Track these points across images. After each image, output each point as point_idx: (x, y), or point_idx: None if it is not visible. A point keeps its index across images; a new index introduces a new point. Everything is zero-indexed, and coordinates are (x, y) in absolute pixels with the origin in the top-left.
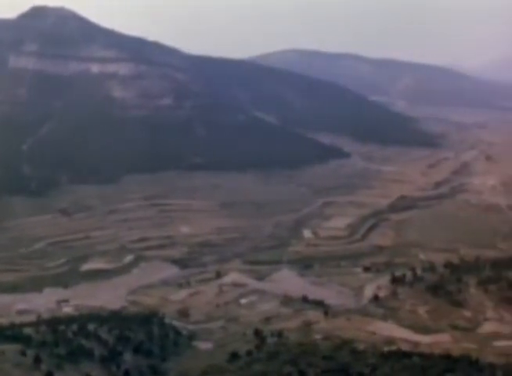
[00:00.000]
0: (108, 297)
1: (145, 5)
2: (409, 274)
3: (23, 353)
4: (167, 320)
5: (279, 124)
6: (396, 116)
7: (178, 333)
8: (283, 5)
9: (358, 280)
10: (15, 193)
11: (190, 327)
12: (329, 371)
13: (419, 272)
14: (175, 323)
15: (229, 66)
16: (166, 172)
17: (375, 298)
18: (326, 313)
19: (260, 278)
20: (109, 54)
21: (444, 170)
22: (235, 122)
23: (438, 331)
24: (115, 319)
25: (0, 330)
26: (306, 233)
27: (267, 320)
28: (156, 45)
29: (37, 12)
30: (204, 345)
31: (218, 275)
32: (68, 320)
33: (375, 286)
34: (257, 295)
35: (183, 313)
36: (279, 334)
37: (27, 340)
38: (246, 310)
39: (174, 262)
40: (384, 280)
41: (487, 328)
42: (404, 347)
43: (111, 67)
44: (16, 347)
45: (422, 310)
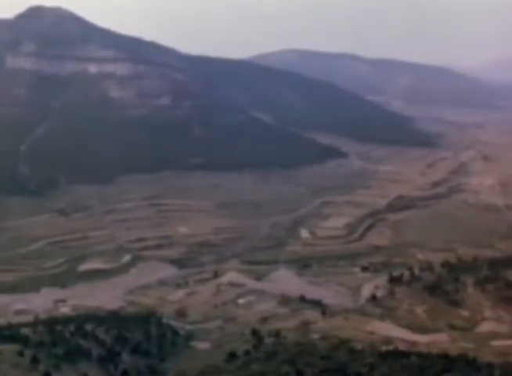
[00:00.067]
0: (106, 297)
1: (142, 5)
2: (406, 274)
3: (21, 353)
4: (164, 320)
5: (277, 124)
6: (394, 116)
7: (175, 333)
8: (282, 6)
9: (355, 279)
10: (13, 193)
11: (188, 327)
12: (327, 371)
13: (416, 271)
14: (173, 323)
15: (228, 66)
16: (164, 172)
17: (373, 298)
18: (323, 313)
19: (258, 278)
20: (107, 54)
21: (441, 170)
22: (233, 122)
23: (436, 331)
24: (113, 320)
25: None
26: (304, 233)
27: (265, 320)
28: (153, 45)
29: (35, 12)
30: (202, 345)
31: (216, 275)
32: (66, 320)
33: (373, 285)
34: (255, 295)
35: (181, 313)
36: (277, 333)
37: (24, 340)
38: (244, 310)
39: (172, 262)
40: (382, 279)
41: (484, 328)
42: (402, 346)
43: (109, 67)
44: (14, 347)
45: (420, 310)
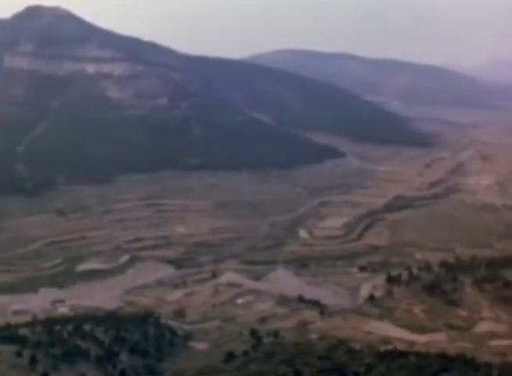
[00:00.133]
0: (104, 297)
1: (140, 5)
2: (404, 274)
3: (19, 354)
4: (162, 320)
5: (275, 124)
6: (392, 116)
7: (173, 333)
8: (280, 6)
9: (354, 279)
10: (10, 193)
11: (186, 327)
12: (325, 371)
13: (414, 271)
14: (171, 323)
15: (226, 66)
16: (162, 172)
17: (371, 298)
18: (322, 313)
19: (256, 278)
20: (105, 54)
21: (439, 170)
22: (231, 122)
23: (434, 331)
24: (111, 320)
25: None
26: (302, 233)
27: (263, 320)
28: (152, 45)
29: (33, 11)
30: (200, 345)
31: (214, 275)
32: (64, 321)
33: (371, 285)
34: (253, 295)
35: (179, 313)
36: (275, 333)
37: (22, 340)
38: (243, 310)
39: (170, 262)
40: (380, 279)
41: (483, 327)
42: (400, 346)
43: (107, 67)
44: (12, 348)
45: (418, 309)
